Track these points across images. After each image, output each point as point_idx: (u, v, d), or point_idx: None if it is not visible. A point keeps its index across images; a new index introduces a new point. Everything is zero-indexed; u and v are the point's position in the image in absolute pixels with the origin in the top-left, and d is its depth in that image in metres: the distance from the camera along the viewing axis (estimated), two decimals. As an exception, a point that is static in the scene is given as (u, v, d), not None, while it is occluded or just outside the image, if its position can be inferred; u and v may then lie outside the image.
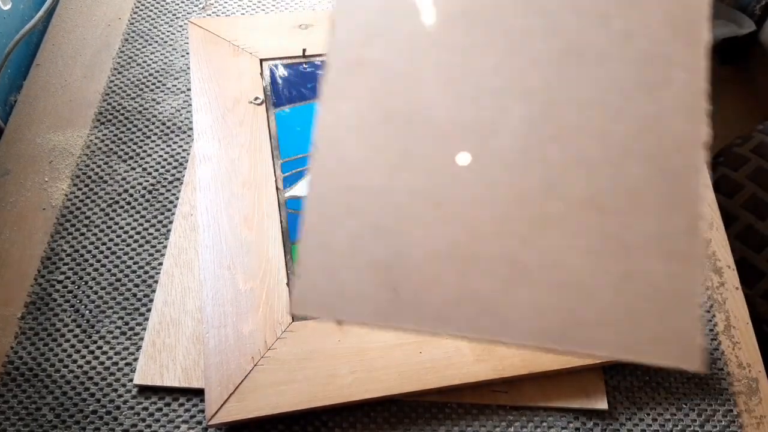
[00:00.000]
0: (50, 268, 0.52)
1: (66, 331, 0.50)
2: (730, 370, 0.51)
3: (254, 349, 0.47)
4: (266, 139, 0.58)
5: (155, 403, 0.47)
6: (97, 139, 0.60)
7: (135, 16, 0.69)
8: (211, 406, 0.44)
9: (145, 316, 0.50)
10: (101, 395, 0.47)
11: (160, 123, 0.61)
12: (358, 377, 0.46)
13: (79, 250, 0.53)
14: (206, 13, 0.70)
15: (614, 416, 0.49)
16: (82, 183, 0.57)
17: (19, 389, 0.47)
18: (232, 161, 0.56)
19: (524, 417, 0.48)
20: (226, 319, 0.48)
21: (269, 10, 0.71)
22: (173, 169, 0.58)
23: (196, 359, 0.48)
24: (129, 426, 0.46)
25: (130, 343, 0.49)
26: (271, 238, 0.52)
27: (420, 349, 0.48)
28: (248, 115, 0.59)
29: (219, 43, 0.64)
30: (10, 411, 0.46)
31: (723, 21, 1.47)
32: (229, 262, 0.50)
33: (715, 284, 0.55)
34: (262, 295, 0.49)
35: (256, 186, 0.55)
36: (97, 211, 0.56)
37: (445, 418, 0.48)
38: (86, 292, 0.51)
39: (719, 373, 0.51)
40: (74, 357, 0.49)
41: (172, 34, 0.68)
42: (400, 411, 0.47)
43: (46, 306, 0.51)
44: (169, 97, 0.63)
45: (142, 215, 0.56)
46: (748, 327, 0.53)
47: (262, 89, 0.61)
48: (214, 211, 0.53)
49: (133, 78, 0.64)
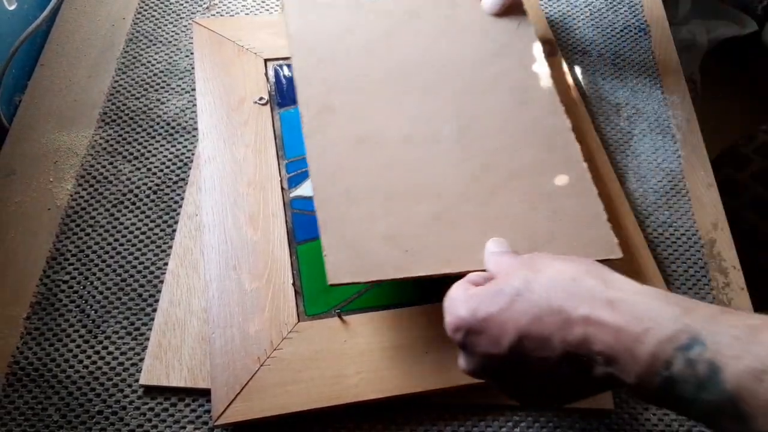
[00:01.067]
0: (55, 269, 0.52)
1: (71, 332, 0.50)
2: (735, 371, 0.51)
3: (260, 349, 0.47)
4: (271, 139, 0.57)
5: (161, 404, 0.47)
6: (102, 139, 0.60)
7: (139, 17, 0.69)
8: (217, 407, 0.44)
9: (150, 317, 0.50)
10: (107, 395, 0.47)
11: (165, 123, 0.61)
12: (364, 377, 0.46)
13: (85, 251, 0.53)
14: (210, 13, 0.70)
15: (620, 416, 0.49)
16: (87, 183, 0.57)
17: (24, 389, 0.47)
18: (236, 161, 0.56)
19: (530, 417, 0.48)
20: (231, 320, 0.48)
21: (273, 10, 0.71)
22: (178, 169, 0.58)
23: (201, 359, 0.48)
24: (135, 426, 0.46)
25: (135, 343, 0.49)
26: (276, 238, 0.52)
27: (426, 349, 0.48)
28: (253, 115, 0.59)
29: (223, 44, 0.64)
30: (16, 411, 0.46)
31: (725, 21, 1.46)
32: (234, 262, 0.50)
33: (720, 284, 0.55)
34: (267, 296, 0.49)
35: (261, 186, 0.55)
36: (102, 211, 0.56)
37: (452, 418, 0.47)
38: (92, 292, 0.51)
39: (725, 374, 0.51)
40: (80, 357, 0.49)
41: (176, 35, 0.68)
42: (406, 411, 0.47)
43: (52, 306, 0.51)
44: (174, 97, 0.63)
45: (147, 215, 0.55)
46: (754, 327, 0.53)
47: (267, 89, 0.61)
48: (219, 211, 0.53)
49: (138, 78, 0.64)
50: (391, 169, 0.50)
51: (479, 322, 0.37)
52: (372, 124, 0.52)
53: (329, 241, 0.45)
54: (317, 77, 0.54)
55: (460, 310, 0.38)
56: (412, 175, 0.50)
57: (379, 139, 0.51)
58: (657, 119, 0.65)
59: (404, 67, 0.56)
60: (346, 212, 0.47)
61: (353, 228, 0.46)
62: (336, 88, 0.54)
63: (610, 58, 0.70)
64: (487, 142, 0.52)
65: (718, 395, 0.30)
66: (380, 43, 0.57)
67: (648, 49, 0.70)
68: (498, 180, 0.50)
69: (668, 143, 0.64)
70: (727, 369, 0.30)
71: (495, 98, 0.55)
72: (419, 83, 0.55)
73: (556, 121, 0.54)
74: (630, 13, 0.74)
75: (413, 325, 0.49)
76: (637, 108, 0.66)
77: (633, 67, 0.69)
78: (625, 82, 0.68)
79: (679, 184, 0.61)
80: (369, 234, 0.46)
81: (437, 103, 0.54)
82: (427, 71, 0.56)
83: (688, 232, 0.58)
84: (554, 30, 0.70)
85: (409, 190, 0.49)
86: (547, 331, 0.35)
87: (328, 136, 0.51)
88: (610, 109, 0.66)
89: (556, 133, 0.53)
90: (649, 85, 0.68)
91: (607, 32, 0.72)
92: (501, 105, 0.55)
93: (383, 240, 0.46)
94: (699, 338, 0.31)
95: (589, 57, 0.70)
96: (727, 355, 0.30)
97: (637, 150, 0.63)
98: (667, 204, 0.60)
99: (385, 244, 0.46)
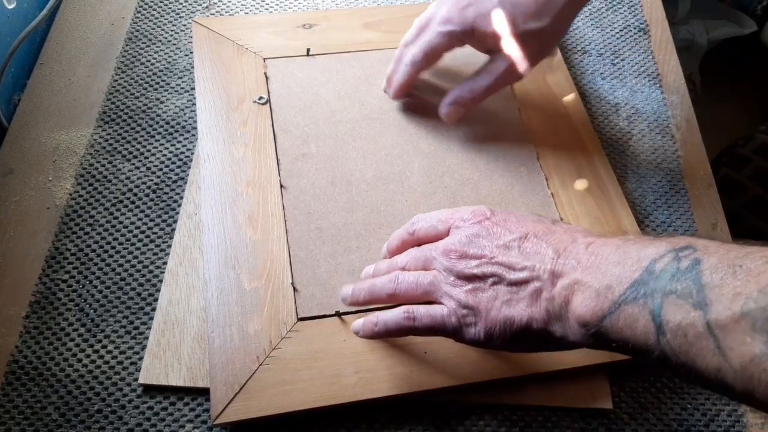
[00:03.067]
0: (54, 268, 0.52)
1: (71, 331, 0.50)
2: (734, 371, 0.51)
3: (259, 348, 0.47)
4: (270, 139, 0.57)
5: (160, 403, 0.47)
6: (101, 138, 0.60)
7: (138, 16, 0.69)
8: (216, 406, 0.44)
9: (149, 316, 0.50)
10: (106, 395, 0.47)
11: (164, 122, 0.61)
12: (363, 377, 0.46)
13: (84, 250, 0.53)
14: (210, 12, 0.70)
15: (619, 416, 0.49)
16: (86, 182, 0.57)
17: (23, 388, 0.47)
18: (236, 160, 0.56)
19: (529, 417, 0.48)
20: (231, 319, 0.48)
21: (273, 9, 0.71)
22: (177, 168, 0.58)
23: (201, 359, 0.48)
24: (134, 425, 0.46)
25: (134, 342, 0.49)
26: (275, 238, 0.52)
27: (424, 349, 0.48)
28: (252, 115, 0.59)
29: (223, 43, 0.64)
30: (15, 410, 0.46)
31: (724, 21, 1.46)
32: (233, 261, 0.50)
33: (719, 284, 0.55)
34: (267, 295, 0.49)
35: (260, 185, 0.55)
36: (101, 210, 0.56)
37: (450, 417, 0.47)
38: (91, 291, 0.51)
39: (724, 374, 0.51)
40: (79, 356, 0.49)
41: (175, 34, 0.68)
42: (404, 411, 0.47)
43: (51, 305, 0.51)
44: (173, 97, 0.63)
45: (147, 214, 0.55)
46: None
47: (266, 88, 0.61)
48: (218, 210, 0.53)
49: (137, 77, 0.64)
50: (362, 207, 0.55)
51: (502, 215, 0.44)
52: (345, 166, 0.57)
53: (300, 277, 0.50)
54: (295, 125, 0.59)
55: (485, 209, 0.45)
56: (382, 209, 0.55)
57: (351, 179, 0.56)
58: (656, 119, 0.65)
59: (379, 107, 0.61)
60: (317, 250, 0.52)
61: (323, 264, 0.51)
62: (312, 135, 0.58)
63: (610, 58, 0.70)
64: (456, 174, 0.57)
65: (691, 281, 0.32)
66: (355, 89, 0.62)
67: (647, 49, 0.71)
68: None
69: (667, 143, 0.64)
70: (707, 262, 0.32)
71: (464, 129, 0.60)
72: (393, 121, 0.60)
73: (522, 150, 0.59)
74: (630, 12, 0.74)
75: (412, 324, 0.49)
76: (637, 108, 0.66)
77: (632, 67, 0.69)
78: (624, 82, 0.68)
79: (678, 184, 0.61)
80: (337, 269, 0.51)
81: (409, 139, 0.59)
82: (400, 110, 0.61)
83: (687, 232, 0.58)
84: (554, 30, 0.70)
85: (378, 224, 0.54)
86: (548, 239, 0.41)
87: (302, 181, 0.56)
88: (609, 109, 0.66)
89: (521, 162, 0.58)
90: (648, 85, 0.68)
91: (607, 32, 0.72)
92: (470, 135, 0.60)
93: (349, 274, 0.51)
94: (692, 245, 0.34)
95: (589, 57, 0.70)
96: (711, 253, 0.33)
97: (636, 150, 0.63)
98: (666, 204, 0.60)
99: (351, 277, 0.50)
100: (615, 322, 0.35)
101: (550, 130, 0.61)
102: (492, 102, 0.60)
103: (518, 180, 0.57)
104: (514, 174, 0.58)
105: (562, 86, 0.64)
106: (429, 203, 0.55)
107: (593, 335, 0.37)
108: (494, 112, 0.61)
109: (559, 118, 0.62)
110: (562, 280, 0.38)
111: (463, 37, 0.54)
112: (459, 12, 0.53)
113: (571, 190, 0.57)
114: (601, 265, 0.37)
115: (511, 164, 0.58)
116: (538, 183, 0.57)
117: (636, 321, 0.34)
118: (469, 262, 0.42)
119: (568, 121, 0.61)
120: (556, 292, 0.38)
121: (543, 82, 0.64)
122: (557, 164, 0.58)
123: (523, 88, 0.63)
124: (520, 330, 0.40)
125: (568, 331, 0.38)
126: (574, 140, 0.60)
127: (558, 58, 0.66)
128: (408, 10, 0.68)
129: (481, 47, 0.55)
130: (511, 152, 0.59)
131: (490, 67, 0.55)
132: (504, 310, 0.40)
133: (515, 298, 0.40)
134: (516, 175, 0.58)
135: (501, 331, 0.40)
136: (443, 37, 0.54)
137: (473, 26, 0.53)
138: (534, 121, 0.61)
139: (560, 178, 0.58)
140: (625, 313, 0.34)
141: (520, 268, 0.40)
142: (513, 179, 0.57)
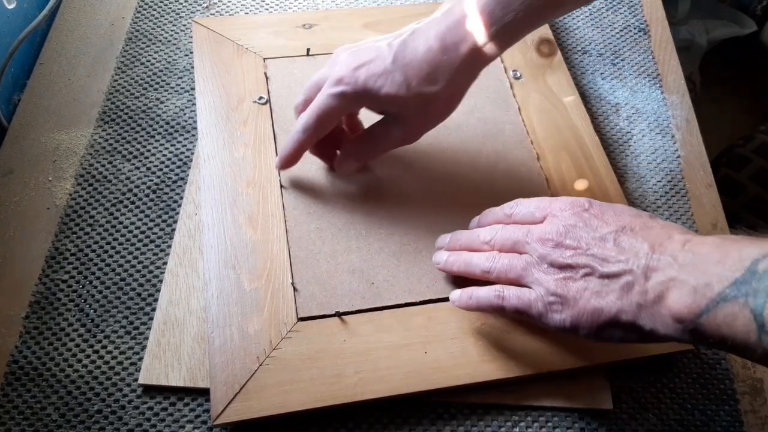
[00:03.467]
0: (54, 268, 0.52)
1: (70, 331, 0.49)
2: (734, 371, 0.52)
3: (259, 348, 0.47)
4: (270, 139, 0.57)
5: (160, 403, 0.47)
6: (101, 138, 0.60)
7: (138, 16, 0.69)
8: (216, 406, 0.44)
9: (149, 316, 0.50)
10: (106, 395, 0.47)
11: (164, 122, 0.61)
12: (363, 377, 0.46)
13: (84, 250, 0.53)
14: (210, 12, 0.70)
15: (619, 416, 0.49)
16: (86, 182, 0.57)
17: (23, 389, 0.47)
18: (236, 161, 0.56)
19: (529, 417, 0.48)
20: (231, 319, 0.48)
21: (273, 9, 0.71)
22: (177, 168, 0.58)
23: (201, 359, 0.48)
24: (134, 426, 0.46)
25: (134, 342, 0.49)
26: (275, 238, 0.52)
27: (425, 349, 0.48)
28: (252, 115, 0.59)
29: (223, 43, 0.63)
30: (15, 411, 0.46)
31: (724, 21, 1.47)
32: (233, 261, 0.50)
33: (719, 284, 0.55)
34: (267, 295, 0.49)
35: (260, 185, 0.55)
36: (101, 210, 0.56)
37: (450, 418, 0.47)
38: (91, 291, 0.51)
39: (724, 374, 0.51)
40: (79, 356, 0.48)
41: (175, 34, 0.68)
42: (405, 411, 0.47)
43: (51, 305, 0.51)
44: (173, 97, 0.63)
45: (147, 215, 0.55)
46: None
47: (266, 88, 0.61)
48: (218, 210, 0.53)
49: (137, 77, 0.64)
50: (362, 207, 0.55)
51: (600, 208, 0.44)
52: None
53: (300, 277, 0.50)
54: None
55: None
56: (381, 209, 0.55)
57: (350, 180, 0.56)
58: (656, 119, 0.65)
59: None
60: (317, 250, 0.52)
61: (323, 264, 0.51)
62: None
63: (610, 58, 0.70)
64: (456, 175, 0.57)
65: None
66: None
67: (647, 49, 0.71)
68: (463, 212, 0.53)
69: (667, 143, 0.64)
70: None
71: (464, 130, 0.60)
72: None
73: (522, 151, 0.59)
74: (630, 12, 0.74)
75: (413, 325, 0.49)
76: (637, 108, 0.66)
77: (632, 67, 0.69)
78: (624, 82, 0.68)
79: (678, 184, 0.61)
80: (337, 269, 0.51)
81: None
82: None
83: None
84: (554, 30, 0.70)
85: (378, 224, 0.54)
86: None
87: (302, 181, 0.56)
88: (609, 109, 0.66)
89: (521, 163, 0.58)
90: (648, 85, 0.68)
91: (607, 32, 0.72)
92: (470, 136, 0.60)
93: (349, 274, 0.51)
94: None
95: (589, 57, 0.70)
96: None
97: (636, 150, 0.63)
98: (667, 204, 0.60)
99: (352, 277, 0.51)
100: (712, 319, 0.36)
101: (550, 130, 0.61)
102: (492, 102, 0.60)
103: (518, 181, 0.57)
104: (515, 175, 0.57)
105: (562, 86, 0.64)
106: (429, 203, 0.55)
107: (690, 332, 0.37)
108: (494, 112, 0.61)
109: (559, 118, 0.62)
110: (657, 275, 0.39)
111: (356, 98, 0.50)
112: (351, 73, 0.49)
113: (571, 191, 0.57)
114: (699, 263, 0.37)
115: (511, 165, 0.58)
116: (539, 183, 0.57)
117: (735, 319, 0.35)
118: (564, 252, 0.42)
119: (568, 121, 0.61)
120: (649, 287, 0.39)
121: (543, 82, 0.64)
122: (557, 164, 0.58)
123: (523, 88, 0.63)
124: (608, 321, 0.40)
125: (659, 326, 0.39)
126: (574, 140, 0.60)
127: (558, 58, 0.66)
128: (408, 10, 0.68)
129: (375, 108, 0.52)
130: (511, 153, 0.59)
131: (381, 130, 0.53)
132: (593, 300, 0.41)
133: (606, 290, 0.40)
134: (516, 175, 0.57)
135: (588, 320, 0.41)
136: (335, 99, 0.50)
137: (365, 87, 0.49)
138: (534, 121, 0.61)
139: (560, 179, 0.58)
140: (724, 311, 0.35)
141: (614, 261, 0.41)
142: (513, 180, 0.57)
